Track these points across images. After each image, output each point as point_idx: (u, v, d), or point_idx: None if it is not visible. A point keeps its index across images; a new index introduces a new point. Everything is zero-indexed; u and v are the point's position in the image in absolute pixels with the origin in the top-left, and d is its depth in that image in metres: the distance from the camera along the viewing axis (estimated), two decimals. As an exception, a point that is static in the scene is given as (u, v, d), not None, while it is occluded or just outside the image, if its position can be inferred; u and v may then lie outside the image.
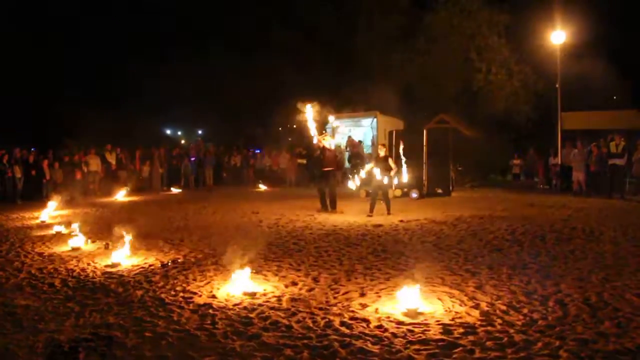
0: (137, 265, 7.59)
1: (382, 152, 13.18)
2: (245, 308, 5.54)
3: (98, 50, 33.25)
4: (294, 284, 6.48)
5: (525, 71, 28.18)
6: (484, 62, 28.46)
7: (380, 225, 10.99)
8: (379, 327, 4.90)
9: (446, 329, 4.81)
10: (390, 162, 13.14)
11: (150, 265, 7.58)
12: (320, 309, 5.47)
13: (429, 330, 4.78)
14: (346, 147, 22.95)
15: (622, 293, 5.83)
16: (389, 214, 12.61)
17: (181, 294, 6.07)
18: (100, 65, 32.24)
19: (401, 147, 15.42)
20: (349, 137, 23.54)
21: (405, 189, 16.73)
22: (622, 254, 7.88)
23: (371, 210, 12.67)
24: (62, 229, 10.73)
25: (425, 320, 5.04)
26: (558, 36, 21.10)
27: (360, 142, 23.39)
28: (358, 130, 24.76)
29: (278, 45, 29.86)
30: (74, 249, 8.85)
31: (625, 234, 9.62)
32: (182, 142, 35.70)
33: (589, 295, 5.76)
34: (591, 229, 10.19)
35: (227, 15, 33.79)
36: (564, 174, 19.36)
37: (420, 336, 4.65)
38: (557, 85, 21.32)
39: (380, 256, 7.95)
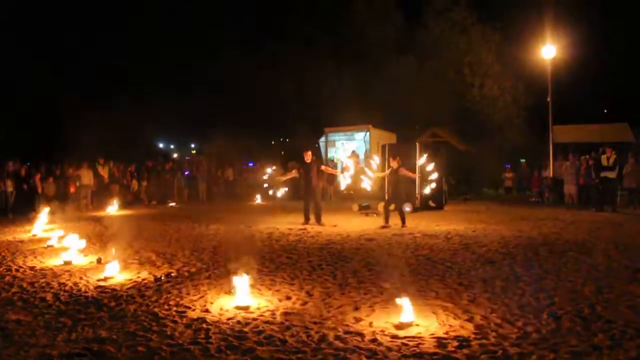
0: (130, 279, 7.55)
1: (394, 165, 13.18)
2: (239, 322, 5.51)
3: (91, 64, 33.36)
4: (288, 297, 6.45)
5: (517, 86, 28.44)
6: (476, 77, 28.72)
7: (373, 239, 10.99)
8: (373, 340, 4.88)
9: (440, 342, 4.80)
10: (405, 171, 13.26)
11: (143, 279, 7.54)
12: (315, 322, 5.45)
13: (423, 344, 4.77)
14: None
15: (615, 305, 5.85)
16: (403, 225, 12.79)
17: (174, 308, 6.04)
18: (94, 78, 32.31)
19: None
20: (353, 151, 23.64)
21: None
22: (614, 267, 7.91)
23: (386, 221, 12.92)
24: (54, 242, 10.68)
25: (420, 333, 5.04)
26: (548, 51, 21.34)
27: (356, 153, 23.48)
28: (351, 144, 24.83)
29: (272, 59, 30.03)
30: (66, 263, 8.79)
31: (618, 247, 9.67)
32: (175, 155, 35.63)
33: (582, 308, 5.77)
34: (583, 242, 10.24)
35: (222, 28, 34.00)
36: (556, 187, 19.46)
37: (414, 350, 4.64)
38: (548, 99, 21.52)
39: (374, 270, 7.94)
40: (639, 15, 26.25)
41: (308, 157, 13.81)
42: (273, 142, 36.19)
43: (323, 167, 14.52)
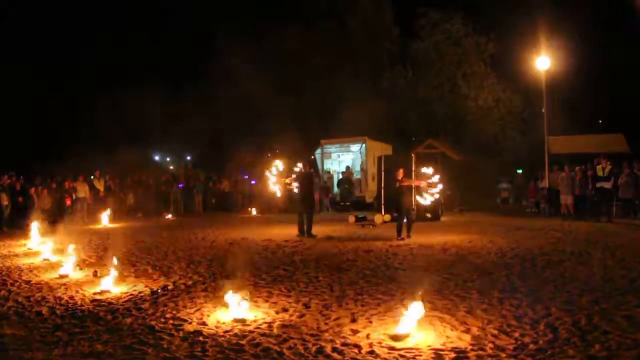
0: (126, 293, 7.52)
1: (398, 176, 12.93)
2: (235, 335, 5.49)
3: (83, 78, 33.49)
4: (285, 310, 6.44)
5: (512, 98, 28.59)
6: (471, 89, 28.87)
7: (370, 251, 10.98)
8: (371, 352, 4.88)
9: (437, 353, 4.80)
10: (409, 181, 13.15)
11: (139, 292, 7.51)
12: (312, 335, 5.44)
13: (420, 356, 4.76)
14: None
15: (612, 316, 5.85)
16: (408, 236, 12.62)
17: (171, 321, 6.02)
18: (86, 92, 32.34)
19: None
20: (347, 167, 23.63)
21: (395, 214, 16.75)
22: (610, 277, 7.91)
23: (399, 234, 12.65)
24: (49, 256, 10.63)
25: (417, 345, 5.03)
26: (543, 62, 21.48)
27: (348, 167, 23.51)
28: (347, 155, 24.87)
29: (267, 71, 30.07)
30: (62, 277, 8.75)
31: (614, 257, 9.68)
32: (171, 168, 35.60)
33: (579, 319, 5.77)
34: (580, 252, 10.24)
35: (215, 41, 34.10)
36: (552, 197, 19.49)
37: (412, 361, 4.63)
38: (543, 110, 21.63)
39: (371, 281, 7.94)
40: (635, 27, 26.46)
41: (305, 167, 14.01)
42: (269, 155, 36.18)
43: (316, 180, 14.61)
